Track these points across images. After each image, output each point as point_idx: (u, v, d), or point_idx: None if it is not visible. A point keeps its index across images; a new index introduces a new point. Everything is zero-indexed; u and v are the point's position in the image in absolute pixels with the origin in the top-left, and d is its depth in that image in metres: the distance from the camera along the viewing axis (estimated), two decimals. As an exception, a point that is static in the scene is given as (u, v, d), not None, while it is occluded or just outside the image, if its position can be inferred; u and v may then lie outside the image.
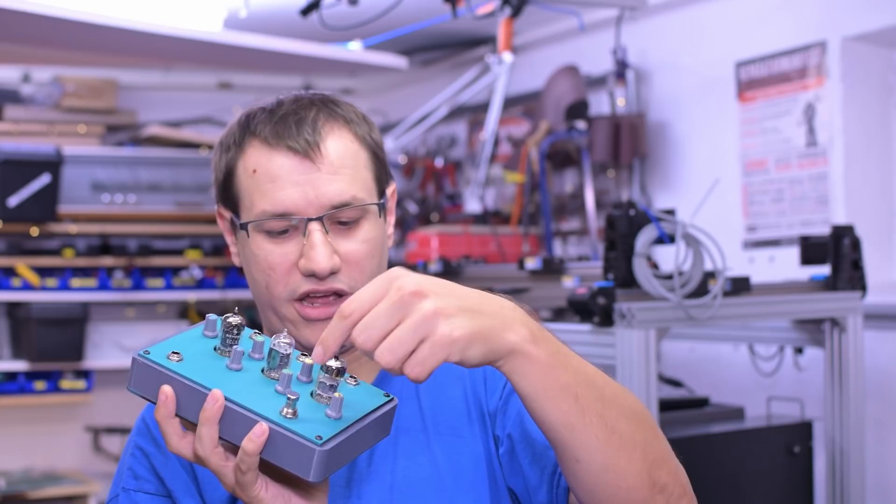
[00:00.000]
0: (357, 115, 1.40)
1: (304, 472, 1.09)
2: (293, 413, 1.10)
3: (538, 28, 4.51)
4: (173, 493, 1.35)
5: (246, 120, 1.37)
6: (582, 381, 1.15)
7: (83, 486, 4.55)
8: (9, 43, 3.86)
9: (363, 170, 1.36)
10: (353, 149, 1.36)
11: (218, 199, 1.41)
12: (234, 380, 1.14)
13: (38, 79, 4.96)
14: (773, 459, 2.61)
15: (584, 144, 4.02)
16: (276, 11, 4.19)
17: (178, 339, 1.18)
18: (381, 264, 1.38)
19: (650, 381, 2.24)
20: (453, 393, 1.41)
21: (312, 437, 1.08)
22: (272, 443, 1.09)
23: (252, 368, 1.16)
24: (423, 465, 1.35)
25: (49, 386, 4.70)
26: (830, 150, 3.50)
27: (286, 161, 1.32)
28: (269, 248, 1.34)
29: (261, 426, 1.08)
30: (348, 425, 1.11)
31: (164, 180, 4.84)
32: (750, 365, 3.14)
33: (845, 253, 2.70)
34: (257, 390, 1.13)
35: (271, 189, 1.32)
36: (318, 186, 1.32)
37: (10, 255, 4.60)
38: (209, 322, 1.19)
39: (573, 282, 2.69)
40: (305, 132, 1.33)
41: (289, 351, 1.15)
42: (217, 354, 1.17)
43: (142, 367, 1.14)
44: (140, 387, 1.15)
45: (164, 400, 1.12)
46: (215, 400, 1.10)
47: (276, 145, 1.33)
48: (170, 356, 1.14)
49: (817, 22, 3.54)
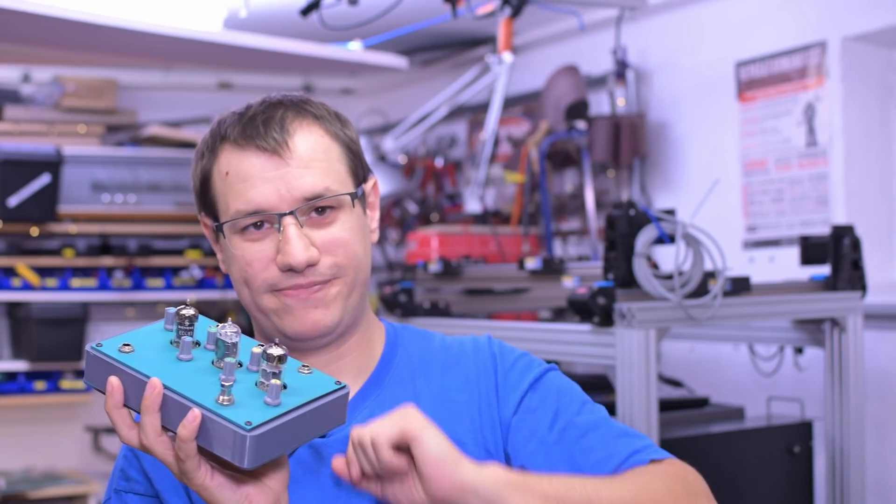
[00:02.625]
0: (328, 112, 1.40)
1: (239, 458, 1.09)
2: (229, 400, 1.10)
3: (538, 28, 4.51)
4: (161, 493, 1.35)
5: (218, 126, 1.38)
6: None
7: (83, 486, 4.55)
8: (9, 43, 3.86)
9: (335, 163, 1.37)
10: (324, 143, 1.37)
11: (199, 208, 1.42)
12: (180, 370, 1.14)
13: (38, 79, 4.96)
14: (773, 459, 2.60)
15: (584, 144, 4.02)
16: (276, 11, 4.19)
17: (138, 332, 1.19)
18: (364, 255, 1.38)
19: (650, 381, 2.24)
20: (458, 397, 1.40)
21: (242, 423, 1.08)
22: (206, 430, 1.10)
23: (203, 358, 1.17)
24: None
25: (49, 386, 4.70)
26: (830, 150, 3.50)
27: (256, 160, 1.33)
28: (246, 246, 1.35)
29: (193, 412, 1.09)
30: (285, 412, 1.11)
31: (164, 180, 4.84)
32: (750, 365, 3.14)
33: (845, 253, 2.70)
34: (201, 380, 1.13)
35: (243, 188, 1.33)
36: (289, 181, 1.32)
37: (10, 255, 4.60)
38: (167, 315, 1.20)
39: (573, 282, 2.69)
40: (273, 130, 1.33)
41: (235, 339, 1.15)
42: (172, 346, 1.18)
43: (93, 359, 1.16)
44: (92, 378, 1.16)
45: (110, 391, 1.14)
46: (153, 388, 1.11)
47: (245, 146, 1.34)
48: (121, 348, 1.15)
49: (817, 22, 3.54)
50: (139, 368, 1.13)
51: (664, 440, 2.32)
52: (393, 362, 1.43)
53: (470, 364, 1.44)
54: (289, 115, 1.36)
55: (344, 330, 1.38)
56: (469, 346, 1.46)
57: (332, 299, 1.35)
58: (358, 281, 1.37)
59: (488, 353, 1.45)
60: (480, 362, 1.44)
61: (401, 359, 1.44)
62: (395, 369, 1.43)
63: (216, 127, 1.38)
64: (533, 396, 1.40)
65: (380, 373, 1.42)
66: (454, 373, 1.43)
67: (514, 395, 1.40)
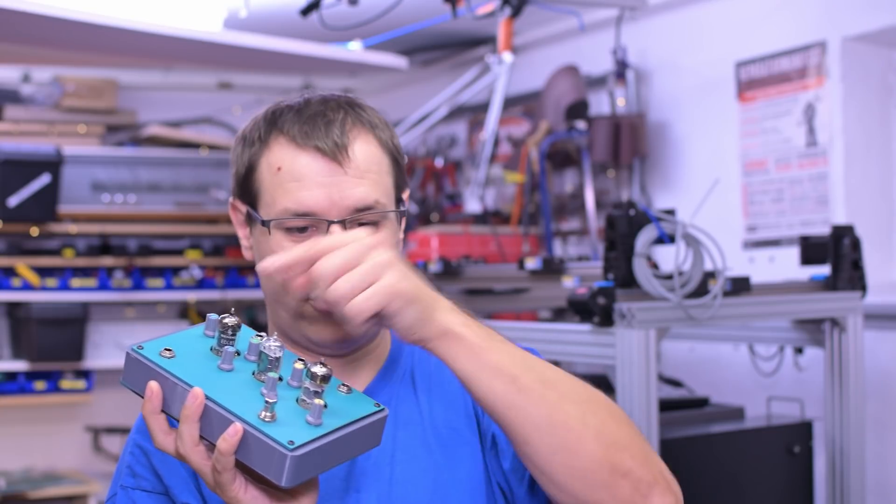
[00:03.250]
0: (380, 120, 1.40)
1: (277, 476, 1.09)
2: (271, 416, 1.10)
3: (538, 28, 4.51)
4: (171, 489, 1.35)
5: (273, 116, 1.36)
6: (518, 363, 1.23)
7: (83, 486, 4.55)
8: (9, 43, 3.86)
9: (385, 175, 1.37)
10: (378, 154, 1.36)
11: (235, 193, 1.40)
12: (222, 380, 1.14)
13: (38, 79, 4.96)
14: (773, 459, 2.60)
15: (584, 144, 4.02)
16: (276, 11, 4.19)
17: (178, 336, 1.18)
18: None
19: (650, 381, 2.24)
20: (451, 389, 1.41)
21: (285, 442, 1.07)
22: (247, 445, 1.09)
23: (244, 370, 1.16)
24: (421, 460, 1.36)
25: (49, 386, 4.70)
26: (830, 150, 3.50)
27: (313, 161, 1.32)
28: (289, 246, 1.32)
29: (235, 427, 1.08)
30: (327, 432, 1.11)
31: (164, 180, 4.84)
32: (750, 365, 3.14)
33: (845, 253, 2.70)
34: (243, 392, 1.13)
35: (296, 188, 1.32)
36: (343, 189, 1.31)
37: (10, 255, 4.59)
38: (210, 321, 1.19)
39: (573, 282, 2.69)
40: (334, 134, 1.32)
41: (278, 354, 1.15)
42: (213, 354, 1.17)
43: (133, 361, 1.15)
44: (131, 381, 1.16)
45: (150, 395, 1.13)
46: (195, 398, 1.11)
47: (303, 144, 1.32)
48: (162, 352, 1.15)
49: (817, 22, 3.54)
50: (181, 376, 1.12)
51: (664, 440, 2.32)
52: (400, 359, 1.44)
53: None
54: (349, 121, 1.34)
55: (364, 339, 1.39)
56: None
57: None
58: None
59: None
60: None
61: (406, 354, 1.45)
62: (401, 365, 1.44)
63: (271, 116, 1.36)
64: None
65: (388, 369, 1.43)
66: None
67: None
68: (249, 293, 4.95)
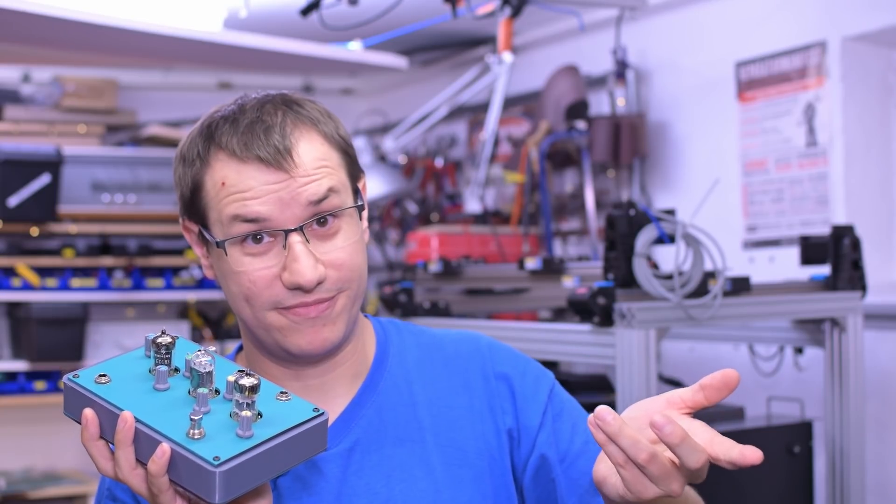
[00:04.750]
0: (322, 113, 1.33)
1: (209, 494, 1.07)
2: (199, 433, 1.08)
3: (538, 28, 4.51)
4: None
5: (208, 131, 1.29)
6: None
7: (83, 486, 4.55)
8: (9, 43, 3.86)
9: (337, 170, 1.30)
10: (324, 150, 1.29)
11: (183, 213, 1.34)
12: (155, 400, 1.12)
13: (38, 79, 4.96)
14: (773, 459, 2.60)
15: (584, 144, 4.02)
16: (276, 11, 4.19)
17: (116, 360, 1.17)
18: (364, 263, 1.34)
19: (650, 381, 2.24)
20: (458, 402, 1.38)
21: (210, 458, 1.06)
22: (176, 465, 1.08)
23: (180, 387, 1.14)
24: (420, 479, 1.33)
25: (49, 386, 4.70)
26: (830, 150, 3.50)
27: (257, 173, 1.25)
28: (248, 261, 1.27)
29: (161, 447, 1.07)
30: (256, 444, 1.08)
31: (164, 180, 4.84)
32: (750, 365, 3.14)
33: (845, 253, 2.70)
34: (175, 411, 1.11)
35: (243, 200, 1.25)
36: (293, 193, 1.25)
37: (10, 255, 4.59)
38: (146, 342, 1.18)
39: (573, 282, 2.69)
40: (275, 140, 1.25)
41: (209, 368, 1.12)
42: (150, 375, 1.16)
43: (70, 390, 1.14)
44: (71, 410, 1.15)
45: (85, 423, 1.12)
46: (125, 422, 1.09)
47: (244, 157, 1.25)
48: (97, 378, 1.13)
49: (817, 22, 3.54)
50: (113, 401, 1.11)
51: (664, 440, 2.31)
52: (386, 364, 1.40)
53: (469, 367, 1.41)
54: (288, 122, 1.28)
55: (344, 340, 1.35)
56: (464, 347, 1.43)
57: (338, 315, 1.30)
58: (360, 291, 1.33)
59: (488, 357, 1.42)
60: (480, 365, 1.41)
61: (393, 359, 1.41)
62: (388, 372, 1.40)
63: (206, 132, 1.29)
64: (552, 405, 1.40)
65: (374, 377, 1.39)
66: (451, 375, 1.41)
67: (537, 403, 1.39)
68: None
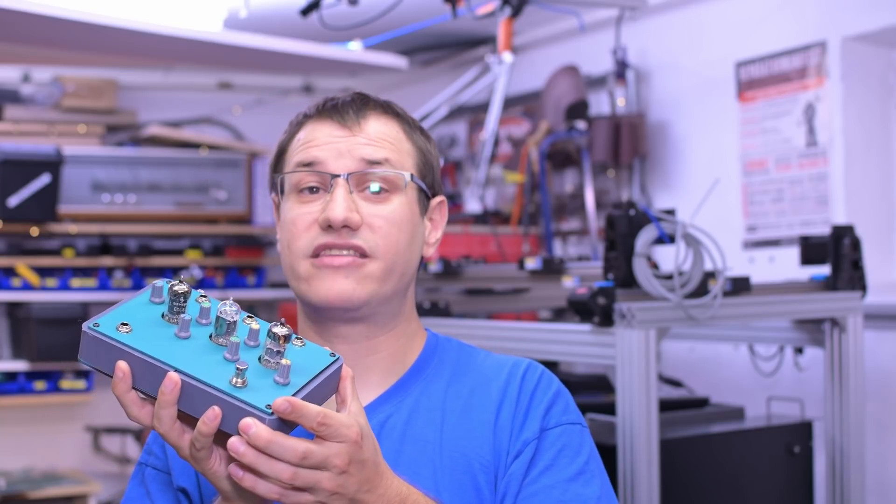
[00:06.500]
0: (413, 120, 1.46)
1: None
2: (243, 382, 1.11)
3: (538, 28, 4.51)
4: (172, 470, 1.37)
5: (305, 110, 1.45)
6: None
7: (83, 486, 4.55)
8: (9, 43, 3.86)
9: (404, 154, 1.41)
10: (395, 133, 1.41)
11: (270, 187, 1.46)
12: (184, 349, 1.14)
13: (38, 79, 4.96)
14: (773, 459, 2.60)
15: (584, 144, 4.02)
16: (276, 11, 4.19)
17: (127, 307, 1.18)
18: (407, 249, 1.39)
19: (650, 381, 2.24)
20: (482, 419, 1.39)
21: (263, 407, 1.09)
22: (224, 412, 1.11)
23: (200, 335, 1.17)
24: (425, 478, 1.34)
25: (49, 386, 4.70)
26: (830, 150, 3.50)
27: (326, 127, 1.39)
28: (296, 207, 1.38)
29: (213, 410, 1.09)
30: (296, 391, 1.12)
31: (164, 180, 4.84)
32: (750, 365, 3.14)
33: (845, 253, 2.70)
34: (207, 359, 1.14)
35: (306, 147, 1.39)
36: (350, 146, 1.37)
37: (10, 255, 4.59)
38: (156, 288, 1.20)
39: (573, 282, 2.69)
40: (351, 109, 1.40)
41: (235, 318, 1.16)
42: (164, 322, 1.18)
43: (91, 339, 1.15)
44: (90, 358, 1.16)
45: (121, 377, 1.13)
46: (173, 383, 1.10)
47: (321, 116, 1.40)
48: (119, 327, 1.15)
49: (817, 22, 3.54)
50: (148, 352, 1.13)
51: (664, 440, 2.32)
52: (424, 372, 1.42)
53: (500, 387, 1.41)
54: (370, 103, 1.42)
55: (372, 313, 1.38)
56: (506, 370, 1.44)
57: (364, 277, 1.35)
58: (395, 270, 1.38)
59: (520, 380, 1.42)
60: (511, 387, 1.41)
61: (433, 369, 1.43)
62: (424, 378, 1.42)
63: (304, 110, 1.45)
64: (547, 437, 1.39)
65: (407, 380, 1.41)
66: (482, 392, 1.41)
67: (531, 428, 1.38)
68: (249, 293, 4.94)
